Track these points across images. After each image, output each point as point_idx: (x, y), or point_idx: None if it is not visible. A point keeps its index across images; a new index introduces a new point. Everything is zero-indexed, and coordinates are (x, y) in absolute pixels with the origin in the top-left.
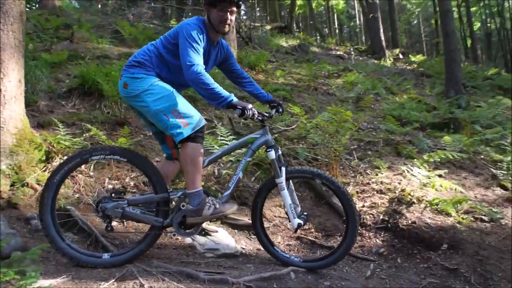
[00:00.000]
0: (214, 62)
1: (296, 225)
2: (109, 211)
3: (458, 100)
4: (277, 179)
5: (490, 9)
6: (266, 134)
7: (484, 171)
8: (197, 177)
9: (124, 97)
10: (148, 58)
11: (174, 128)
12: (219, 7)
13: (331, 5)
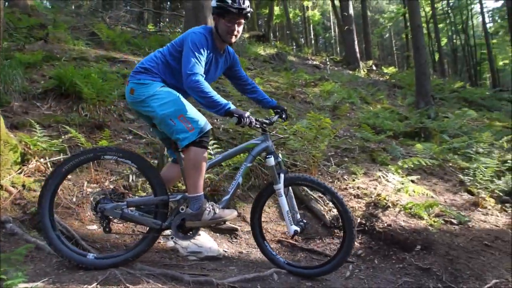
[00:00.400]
0: (221, 70)
1: (293, 232)
2: (108, 212)
3: (428, 111)
4: (275, 186)
5: (456, 27)
6: (267, 140)
7: (453, 178)
8: (199, 181)
9: (130, 102)
10: (154, 64)
11: (180, 132)
12: (227, 18)
13: (307, 16)
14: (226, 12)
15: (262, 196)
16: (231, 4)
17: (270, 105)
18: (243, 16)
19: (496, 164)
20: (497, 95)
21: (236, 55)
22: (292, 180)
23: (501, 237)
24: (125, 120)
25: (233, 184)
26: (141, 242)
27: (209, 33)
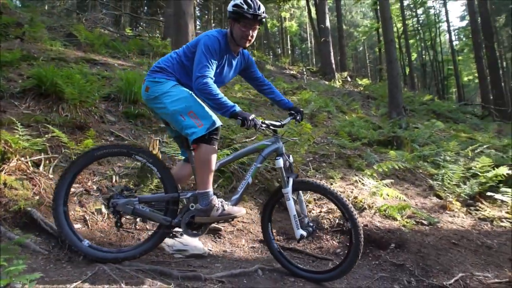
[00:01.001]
0: (235, 71)
1: (299, 236)
2: (120, 207)
3: (400, 121)
4: (283, 189)
5: (425, 43)
6: (277, 142)
7: (423, 183)
8: (208, 178)
9: (145, 100)
10: (170, 64)
11: (189, 128)
12: (242, 23)
13: (285, 26)
14: (241, 17)
15: (271, 200)
16: (247, 10)
17: (286, 107)
18: (258, 22)
19: (461, 171)
20: (462, 108)
21: (251, 56)
22: (301, 185)
23: (466, 236)
24: (107, 122)
25: (242, 184)
26: (151, 238)
27: (223, 37)
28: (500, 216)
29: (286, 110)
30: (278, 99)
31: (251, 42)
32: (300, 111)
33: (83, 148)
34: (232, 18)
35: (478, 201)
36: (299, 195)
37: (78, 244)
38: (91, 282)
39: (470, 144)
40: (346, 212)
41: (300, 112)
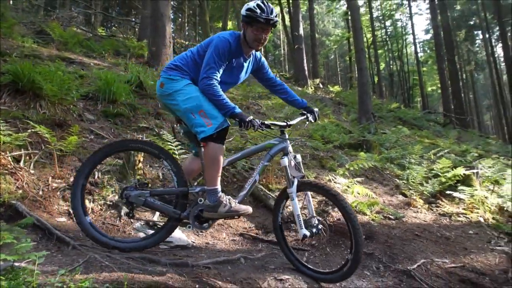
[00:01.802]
0: (247, 72)
1: (302, 235)
2: (132, 199)
3: (369, 126)
4: (288, 189)
5: (393, 53)
6: (284, 141)
7: (390, 182)
8: (216, 175)
9: (159, 95)
10: (185, 62)
11: (198, 126)
12: (255, 27)
13: None
14: (254, 21)
15: (280, 199)
16: (260, 14)
17: (300, 106)
18: (270, 25)
19: (424, 172)
20: (426, 116)
21: (264, 58)
22: (305, 186)
23: (428, 229)
24: (85, 120)
25: (250, 181)
26: (161, 230)
27: (236, 39)
28: (457, 212)
29: (299, 109)
30: (291, 99)
31: (263, 45)
32: (313, 111)
33: (67, 145)
34: (245, 21)
35: (438, 199)
36: (307, 196)
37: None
38: (85, 267)
39: (433, 148)
40: (347, 216)
41: (313, 112)
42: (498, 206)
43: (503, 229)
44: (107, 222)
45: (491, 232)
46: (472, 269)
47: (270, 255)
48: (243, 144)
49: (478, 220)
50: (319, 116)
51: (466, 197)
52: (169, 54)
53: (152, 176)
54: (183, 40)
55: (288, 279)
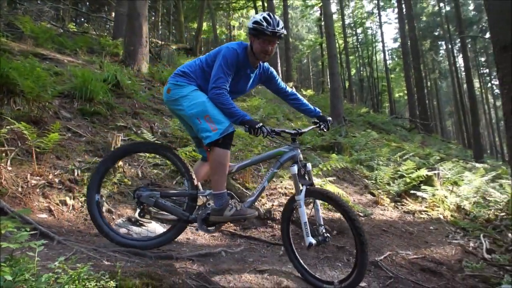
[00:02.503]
0: (253, 83)
1: (308, 243)
2: (143, 199)
3: (340, 129)
4: (296, 196)
5: (363, 60)
6: (295, 149)
7: (359, 183)
8: (221, 180)
9: (166, 101)
10: (193, 69)
11: (204, 131)
12: (262, 39)
13: (233, 35)
14: (261, 34)
15: (288, 207)
16: (266, 27)
17: (312, 115)
18: (277, 38)
19: (391, 173)
20: (393, 121)
21: (272, 69)
22: (313, 194)
23: (394, 225)
24: (62, 118)
25: (259, 187)
26: (170, 230)
27: (243, 50)
28: (420, 209)
29: (312, 118)
30: (304, 108)
31: (270, 57)
32: (327, 120)
33: (47, 142)
34: (252, 34)
35: (403, 198)
36: (315, 204)
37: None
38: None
39: (399, 151)
40: (356, 231)
41: (326, 121)
42: (456, 205)
43: (460, 225)
44: (89, 219)
45: (449, 227)
46: (432, 260)
47: (249, 249)
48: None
49: (438, 217)
50: (332, 125)
51: (428, 196)
52: (145, 54)
53: (131, 174)
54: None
55: (267, 270)
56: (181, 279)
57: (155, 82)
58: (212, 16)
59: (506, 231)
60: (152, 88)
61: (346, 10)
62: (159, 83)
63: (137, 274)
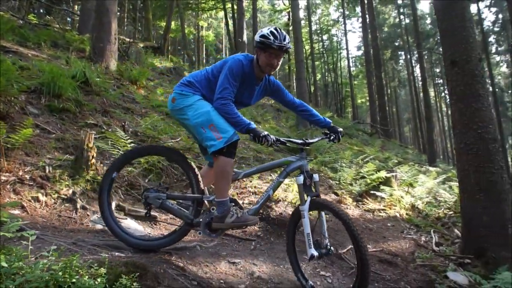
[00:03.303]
0: (259, 95)
1: (310, 255)
2: (150, 200)
3: (306, 132)
4: (300, 207)
5: (328, 66)
6: (302, 159)
7: (324, 183)
8: (225, 187)
9: (171, 110)
10: (198, 79)
11: (209, 140)
12: (268, 53)
13: (201, 35)
14: (268, 48)
15: (293, 217)
16: (273, 41)
17: (323, 125)
18: (283, 52)
19: (353, 174)
20: (355, 126)
21: (278, 81)
22: (317, 205)
23: (355, 222)
24: (29, 113)
25: (263, 196)
26: (174, 232)
27: (249, 62)
28: (379, 208)
29: (322, 128)
30: (313, 119)
31: (275, 70)
32: (338, 131)
33: (18, 138)
34: (259, 47)
35: (364, 197)
36: (321, 216)
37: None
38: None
39: (361, 154)
40: (357, 247)
41: (337, 132)
42: (411, 204)
43: (414, 222)
44: (63, 215)
45: (404, 224)
46: (388, 252)
47: (222, 244)
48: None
49: (395, 215)
50: (343, 135)
51: (386, 196)
52: (114, 51)
53: (103, 172)
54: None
55: (239, 262)
56: (163, 268)
57: (123, 80)
58: (180, 16)
59: (453, 227)
60: (121, 87)
61: (313, 16)
62: (128, 82)
63: (122, 264)
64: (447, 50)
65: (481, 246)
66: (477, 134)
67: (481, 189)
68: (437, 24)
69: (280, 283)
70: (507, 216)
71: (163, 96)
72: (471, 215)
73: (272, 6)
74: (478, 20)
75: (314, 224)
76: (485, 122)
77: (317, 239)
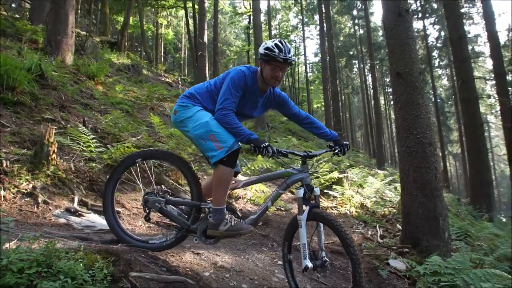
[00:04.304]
0: (262, 108)
1: (304, 266)
2: (149, 204)
3: (264, 134)
4: (298, 216)
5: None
6: (304, 172)
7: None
8: (222, 196)
9: (173, 122)
10: (200, 91)
11: (210, 151)
12: (272, 65)
13: (160, 33)
14: (272, 60)
15: (291, 227)
16: (278, 54)
17: (328, 139)
18: (287, 64)
19: None
20: None
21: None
22: (314, 216)
23: None
24: None
25: (262, 207)
26: (173, 237)
27: (252, 73)
28: (332, 206)
29: (328, 141)
30: (319, 131)
31: (280, 82)
32: (343, 144)
33: None
34: (263, 59)
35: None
36: (319, 227)
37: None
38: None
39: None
40: (348, 251)
41: (342, 145)
42: (360, 203)
43: (362, 218)
44: (24, 209)
45: (354, 220)
46: (339, 244)
47: None
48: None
49: (345, 212)
50: (348, 149)
51: (338, 195)
52: (70, 45)
53: (64, 167)
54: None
55: (203, 253)
56: (134, 256)
57: (81, 75)
58: (140, 11)
59: (396, 223)
60: (79, 82)
61: (273, 21)
62: (86, 77)
63: (96, 251)
64: (393, 63)
65: (417, 237)
66: (416, 138)
67: (418, 187)
68: (386, 40)
69: (241, 271)
70: (438, 210)
71: (122, 93)
72: (409, 209)
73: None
74: (423, 35)
75: (312, 235)
76: (423, 128)
77: (314, 250)
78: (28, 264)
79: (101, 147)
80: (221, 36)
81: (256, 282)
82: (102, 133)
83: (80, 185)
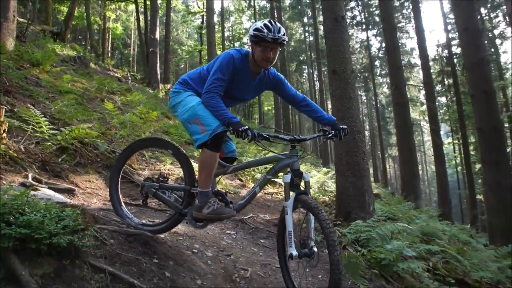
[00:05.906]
0: (256, 90)
1: (288, 254)
2: (145, 188)
3: None
4: (284, 202)
5: None
6: (292, 157)
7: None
8: (207, 179)
9: (169, 108)
10: (193, 77)
11: (195, 134)
12: (263, 46)
13: (108, 27)
14: (262, 41)
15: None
16: (267, 34)
17: (325, 123)
18: (278, 44)
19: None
20: (261, 129)
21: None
22: (302, 203)
23: (257, 200)
24: None
25: (249, 192)
26: (168, 220)
27: (242, 56)
28: (277, 192)
29: (324, 125)
30: (316, 115)
31: (272, 64)
32: (339, 128)
33: None
34: (253, 41)
35: None
36: (309, 215)
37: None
38: None
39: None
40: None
41: (338, 130)
42: None
43: None
44: None
45: None
46: None
47: (140, 211)
48: None
49: None
50: (346, 133)
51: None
52: (11, 30)
53: (14, 148)
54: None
55: None
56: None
57: (23, 62)
58: (86, 3)
59: (333, 206)
60: (22, 69)
61: (226, 23)
62: (30, 65)
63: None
64: (330, 61)
65: (348, 211)
66: (348, 127)
67: (349, 168)
68: (325, 42)
69: (194, 236)
70: (365, 187)
71: (70, 84)
72: (342, 188)
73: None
74: (366, 45)
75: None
76: (353, 118)
77: (303, 238)
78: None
79: (53, 130)
80: (173, 34)
81: (207, 243)
82: (52, 119)
83: (32, 165)
